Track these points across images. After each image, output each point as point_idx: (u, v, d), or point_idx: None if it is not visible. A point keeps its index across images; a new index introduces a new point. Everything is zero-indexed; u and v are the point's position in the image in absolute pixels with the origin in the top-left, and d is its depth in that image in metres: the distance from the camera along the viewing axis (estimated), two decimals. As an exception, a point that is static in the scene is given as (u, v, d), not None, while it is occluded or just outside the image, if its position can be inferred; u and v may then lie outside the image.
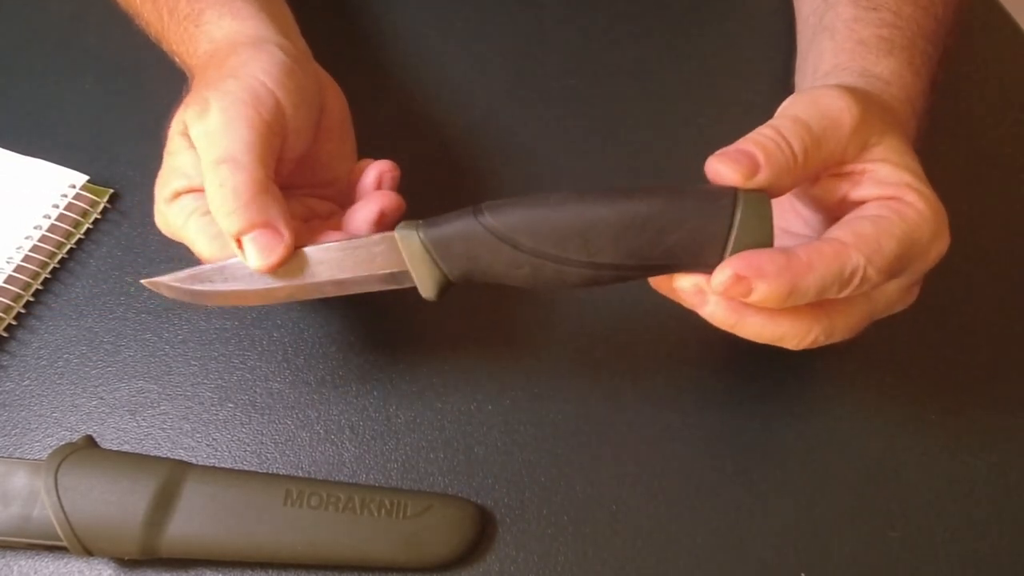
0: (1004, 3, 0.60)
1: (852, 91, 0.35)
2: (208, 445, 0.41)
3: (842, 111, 0.34)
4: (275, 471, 0.40)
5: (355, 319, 0.45)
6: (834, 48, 0.43)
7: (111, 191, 0.48)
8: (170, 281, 0.38)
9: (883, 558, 0.39)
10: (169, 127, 0.38)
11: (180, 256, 0.46)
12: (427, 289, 0.35)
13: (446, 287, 0.35)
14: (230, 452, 0.41)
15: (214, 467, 0.40)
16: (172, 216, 0.37)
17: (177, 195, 0.37)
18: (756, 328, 0.33)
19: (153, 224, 0.47)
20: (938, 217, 0.34)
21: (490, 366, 0.43)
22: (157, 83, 0.53)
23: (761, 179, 0.32)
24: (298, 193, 0.40)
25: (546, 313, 0.45)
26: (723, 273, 0.31)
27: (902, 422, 0.42)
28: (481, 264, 0.34)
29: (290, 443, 0.41)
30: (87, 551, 0.36)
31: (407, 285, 0.36)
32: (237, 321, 0.44)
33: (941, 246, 0.34)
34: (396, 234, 0.35)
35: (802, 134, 0.33)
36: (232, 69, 0.38)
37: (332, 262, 0.36)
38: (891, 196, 0.34)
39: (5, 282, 0.44)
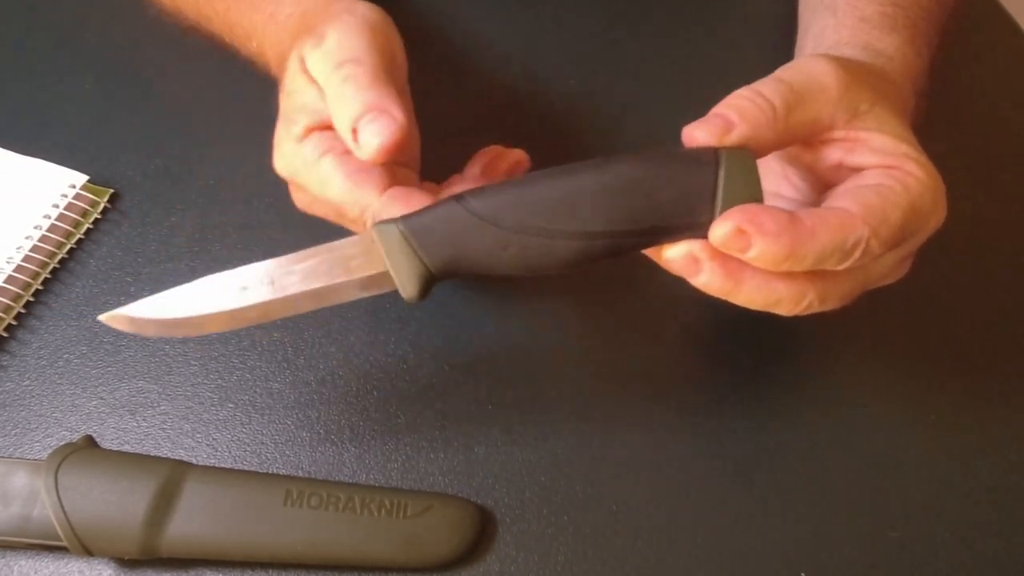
0: (1004, 3, 0.60)
1: (840, 59, 0.35)
2: (208, 445, 0.41)
3: (825, 73, 0.34)
4: (275, 471, 0.40)
5: (355, 319, 0.45)
6: (835, 25, 0.43)
7: (111, 191, 0.48)
8: (131, 313, 0.35)
9: (883, 558, 0.39)
10: (284, 70, 0.38)
11: (180, 255, 0.46)
12: (408, 287, 0.34)
13: (428, 282, 0.34)
14: (230, 452, 0.41)
15: (214, 467, 0.40)
16: (307, 152, 0.36)
17: (310, 131, 0.36)
18: (751, 294, 0.32)
19: (153, 224, 0.48)
20: (937, 187, 0.33)
21: (490, 366, 0.43)
22: (157, 83, 0.53)
23: (736, 135, 0.32)
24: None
25: (546, 313, 0.45)
26: (723, 226, 0.31)
27: (902, 422, 0.42)
28: (465, 250, 0.32)
29: (290, 443, 0.41)
30: (87, 551, 0.36)
31: (387, 289, 0.34)
32: (237, 321, 0.44)
33: (939, 217, 0.34)
34: (373, 231, 0.33)
35: (782, 91, 0.33)
36: (339, 13, 0.37)
37: (305, 271, 0.34)
38: (891, 165, 0.33)
39: (5, 282, 0.44)
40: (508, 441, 0.41)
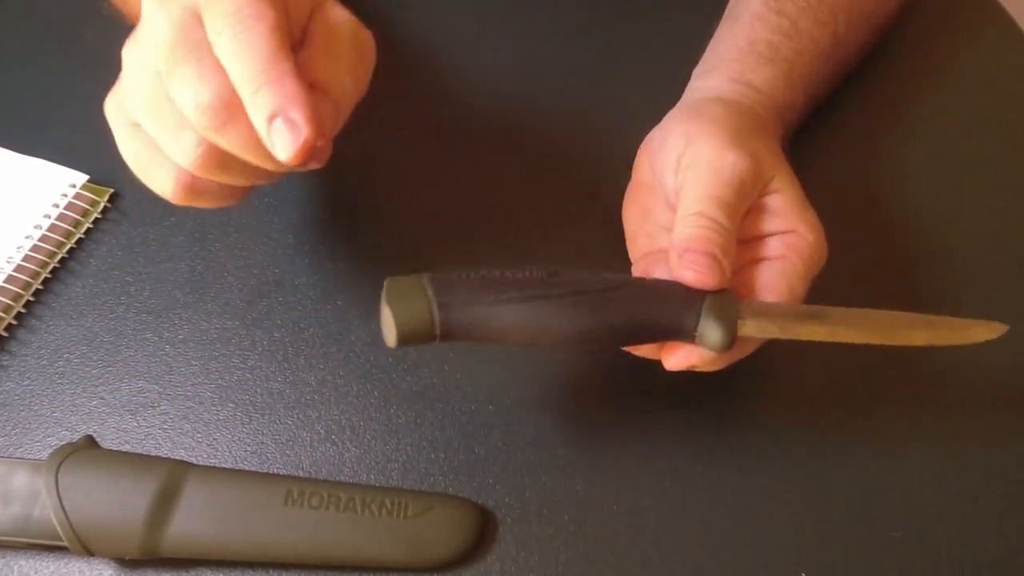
0: (1004, 3, 0.60)
1: (740, 144, 0.39)
2: (209, 445, 0.41)
3: (743, 173, 0.38)
4: (276, 471, 0.40)
5: (356, 318, 0.45)
6: (729, 39, 0.47)
7: (111, 191, 0.48)
8: None
9: (884, 558, 0.39)
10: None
11: (180, 255, 0.46)
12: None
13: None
14: (231, 452, 0.41)
15: (215, 467, 0.40)
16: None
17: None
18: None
19: (153, 224, 0.47)
20: (821, 240, 0.39)
21: (491, 366, 0.43)
22: (157, 83, 0.53)
23: (727, 276, 0.36)
24: None
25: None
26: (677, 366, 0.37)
27: (902, 422, 0.42)
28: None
29: (291, 443, 0.41)
30: (88, 551, 0.36)
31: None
32: (238, 321, 0.44)
33: (824, 260, 0.39)
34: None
35: (728, 211, 0.37)
36: None
37: None
38: (787, 230, 0.39)
39: (5, 282, 0.44)
40: (509, 441, 0.41)
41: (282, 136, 0.30)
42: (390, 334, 0.33)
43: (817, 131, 0.52)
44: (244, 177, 0.35)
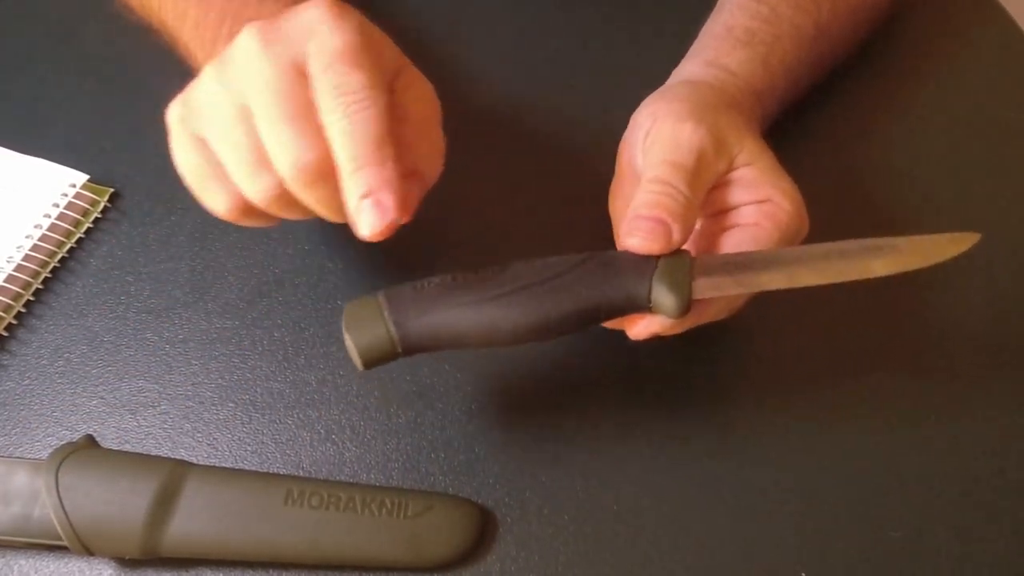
0: (1004, 3, 0.60)
1: (700, 116, 0.38)
2: (209, 445, 0.41)
3: (702, 141, 0.37)
4: (276, 471, 0.40)
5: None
6: (710, 28, 0.48)
7: (111, 190, 0.48)
8: None
9: (884, 558, 0.39)
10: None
11: (180, 255, 0.46)
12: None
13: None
14: (231, 452, 0.41)
15: (215, 467, 0.40)
16: (375, 82, 0.33)
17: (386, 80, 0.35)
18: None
19: (153, 223, 0.48)
20: (800, 209, 0.38)
21: (491, 366, 0.43)
22: (157, 83, 0.53)
23: (676, 239, 0.35)
24: None
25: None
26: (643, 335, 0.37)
27: (902, 422, 0.42)
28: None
29: (291, 443, 0.41)
30: (88, 551, 0.36)
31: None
32: (238, 321, 0.44)
33: (804, 233, 0.39)
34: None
35: (684, 176, 0.36)
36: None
37: None
38: (761, 199, 0.38)
39: (5, 281, 0.44)
40: (509, 441, 0.41)
41: (369, 214, 0.33)
42: (355, 360, 0.34)
43: (815, 131, 0.52)
44: (301, 215, 0.37)
